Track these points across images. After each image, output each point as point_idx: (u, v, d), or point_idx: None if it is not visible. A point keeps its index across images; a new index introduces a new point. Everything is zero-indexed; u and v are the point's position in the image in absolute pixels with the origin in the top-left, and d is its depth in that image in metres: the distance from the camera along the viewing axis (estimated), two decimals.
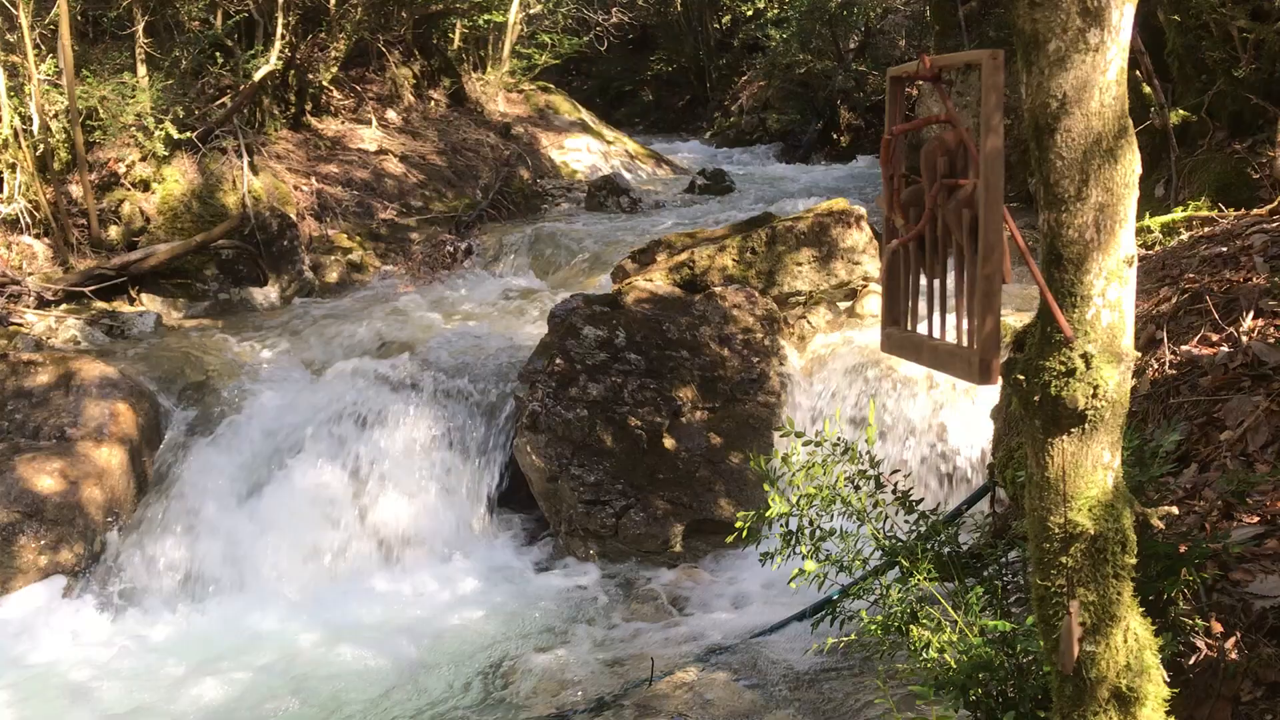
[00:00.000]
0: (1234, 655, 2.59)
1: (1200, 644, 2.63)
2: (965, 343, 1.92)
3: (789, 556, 3.36)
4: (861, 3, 17.15)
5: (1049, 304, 1.85)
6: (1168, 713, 2.05)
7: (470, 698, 4.65)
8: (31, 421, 6.04)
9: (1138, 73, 6.20)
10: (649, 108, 21.80)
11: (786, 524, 3.33)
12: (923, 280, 2.10)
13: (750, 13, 19.66)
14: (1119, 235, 1.84)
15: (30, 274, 7.91)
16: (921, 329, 2.13)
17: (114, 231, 8.52)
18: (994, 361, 1.84)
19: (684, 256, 7.00)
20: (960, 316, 1.93)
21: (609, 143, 14.83)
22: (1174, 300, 4.06)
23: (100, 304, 7.87)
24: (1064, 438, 1.90)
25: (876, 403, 6.03)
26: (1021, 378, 1.93)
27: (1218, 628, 2.66)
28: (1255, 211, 4.92)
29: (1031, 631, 2.61)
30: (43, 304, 7.69)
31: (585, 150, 14.20)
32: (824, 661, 4.28)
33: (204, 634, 5.34)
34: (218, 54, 10.09)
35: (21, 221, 8.12)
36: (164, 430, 6.40)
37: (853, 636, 3.35)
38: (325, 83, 11.17)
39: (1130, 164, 1.83)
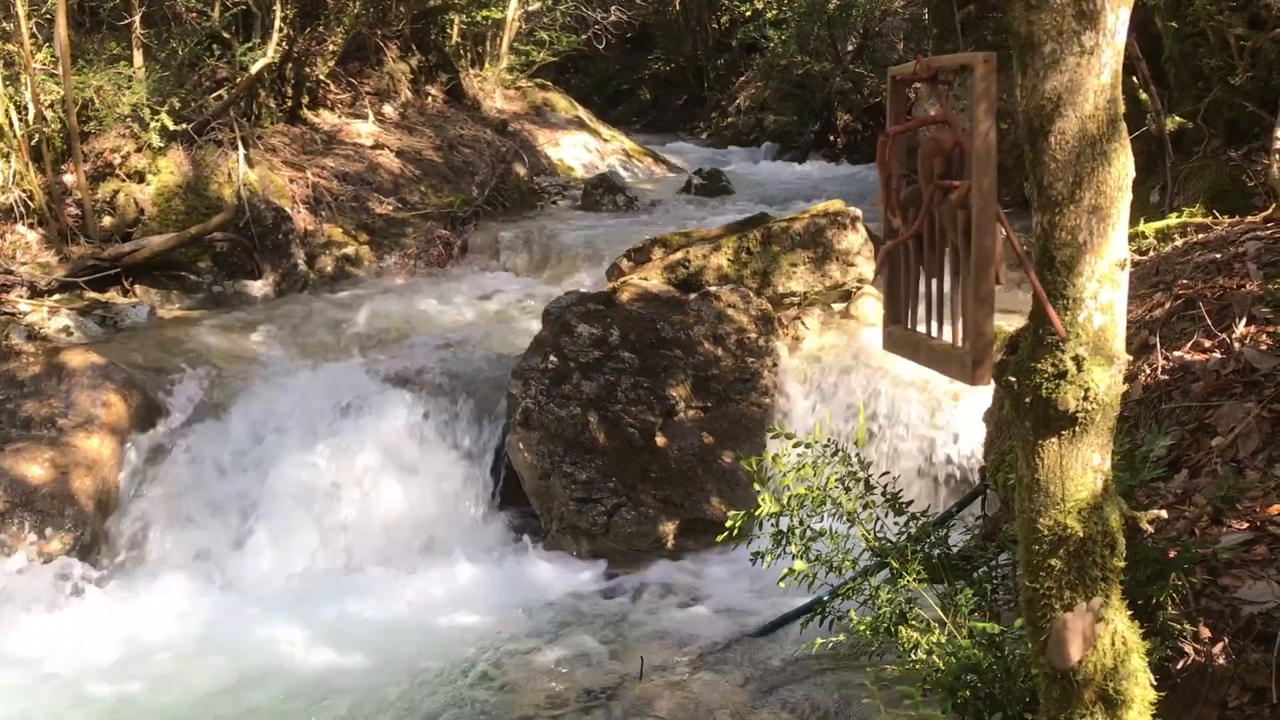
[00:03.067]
0: (1221, 660, 2.59)
1: (1188, 649, 2.63)
2: (959, 343, 1.92)
3: (779, 556, 3.37)
4: (860, 5, 17.15)
5: (1043, 305, 1.86)
6: (1154, 716, 2.05)
7: (459, 694, 4.64)
8: (22, 411, 6.02)
9: (1134, 79, 6.21)
10: (646, 107, 21.77)
11: (777, 524, 3.33)
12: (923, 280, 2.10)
13: (749, 13, 19.66)
14: (1111, 238, 1.85)
15: (23, 264, 7.89)
16: (923, 328, 2.13)
17: (108, 222, 8.50)
18: (985, 363, 1.84)
19: (679, 255, 7.00)
20: (955, 317, 1.93)
21: (606, 141, 14.83)
22: (1167, 306, 4.07)
23: (94, 295, 7.84)
24: (1054, 440, 1.91)
25: (869, 405, 6.04)
26: (1013, 379, 1.94)
27: (1206, 633, 2.66)
28: (1250, 218, 4.93)
29: (1020, 634, 2.62)
30: (36, 294, 7.66)
31: (582, 148, 14.19)
32: (813, 661, 4.28)
33: (194, 626, 5.32)
34: (215, 46, 10.06)
35: (15, 211, 8.10)
36: (156, 421, 6.38)
37: (842, 637, 3.36)
38: (322, 76, 11.15)
39: (1123, 167, 1.83)
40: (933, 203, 1.94)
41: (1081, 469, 1.92)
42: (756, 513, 3.29)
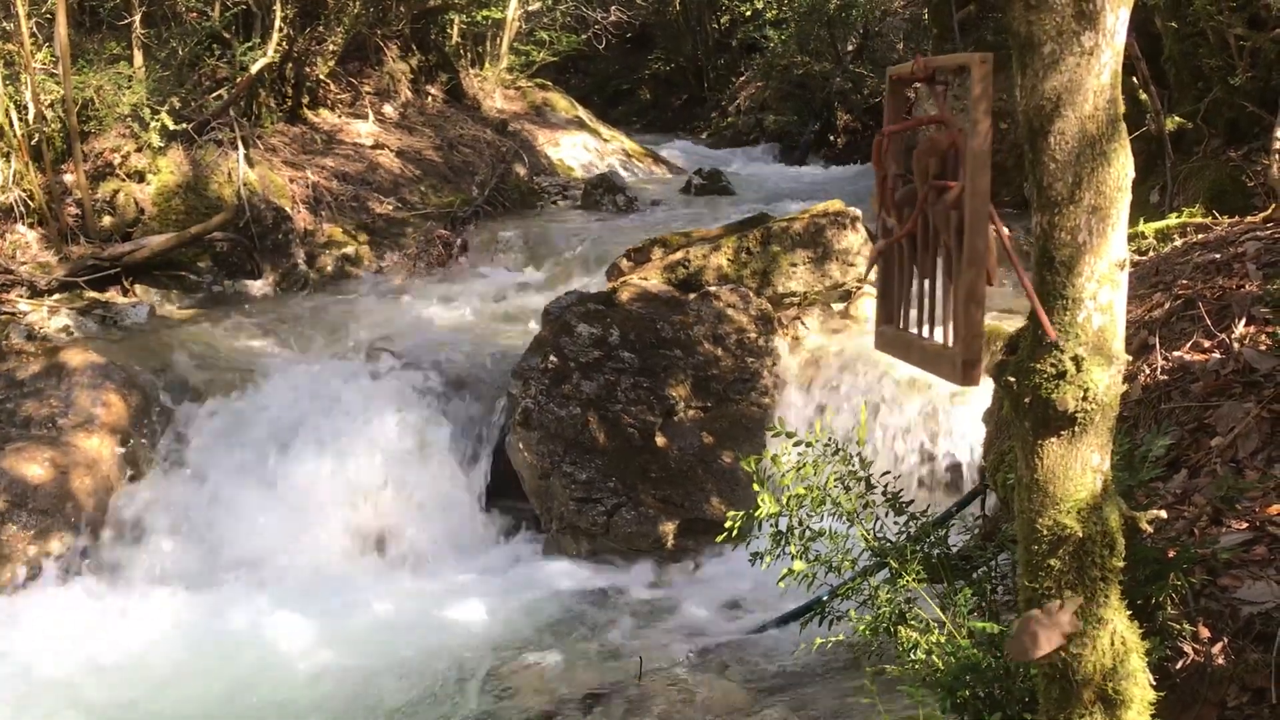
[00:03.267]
0: (1220, 660, 2.59)
1: (1188, 649, 2.63)
2: (950, 344, 1.92)
3: (779, 556, 3.36)
4: (860, 5, 17.16)
5: (1034, 306, 1.86)
6: (1154, 716, 2.05)
7: (459, 695, 4.64)
8: (22, 411, 6.02)
9: (1134, 79, 6.21)
10: (646, 107, 21.77)
11: (776, 524, 3.33)
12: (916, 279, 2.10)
13: (749, 13, 19.66)
14: (1110, 238, 1.85)
15: (23, 263, 7.89)
16: (915, 328, 2.13)
17: (108, 222, 8.50)
18: (976, 363, 1.84)
19: (679, 255, 7.00)
20: (946, 318, 1.93)
21: (606, 141, 14.82)
22: (1167, 306, 4.07)
23: (93, 294, 7.84)
24: (1053, 440, 1.91)
25: (869, 405, 6.03)
26: (1012, 380, 1.94)
27: (1205, 633, 2.66)
28: (1249, 219, 4.93)
29: None
30: (35, 293, 7.66)
31: (582, 148, 14.19)
32: (813, 661, 4.28)
33: (193, 626, 5.31)
34: (215, 45, 10.06)
35: (15, 211, 8.10)
36: (155, 421, 6.38)
37: (841, 637, 3.36)
38: (322, 76, 11.15)
39: (1123, 167, 1.83)
40: (926, 203, 1.94)
41: (1081, 469, 1.92)
42: (756, 513, 3.28)
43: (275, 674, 4.87)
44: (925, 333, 2.03)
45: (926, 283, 2.01)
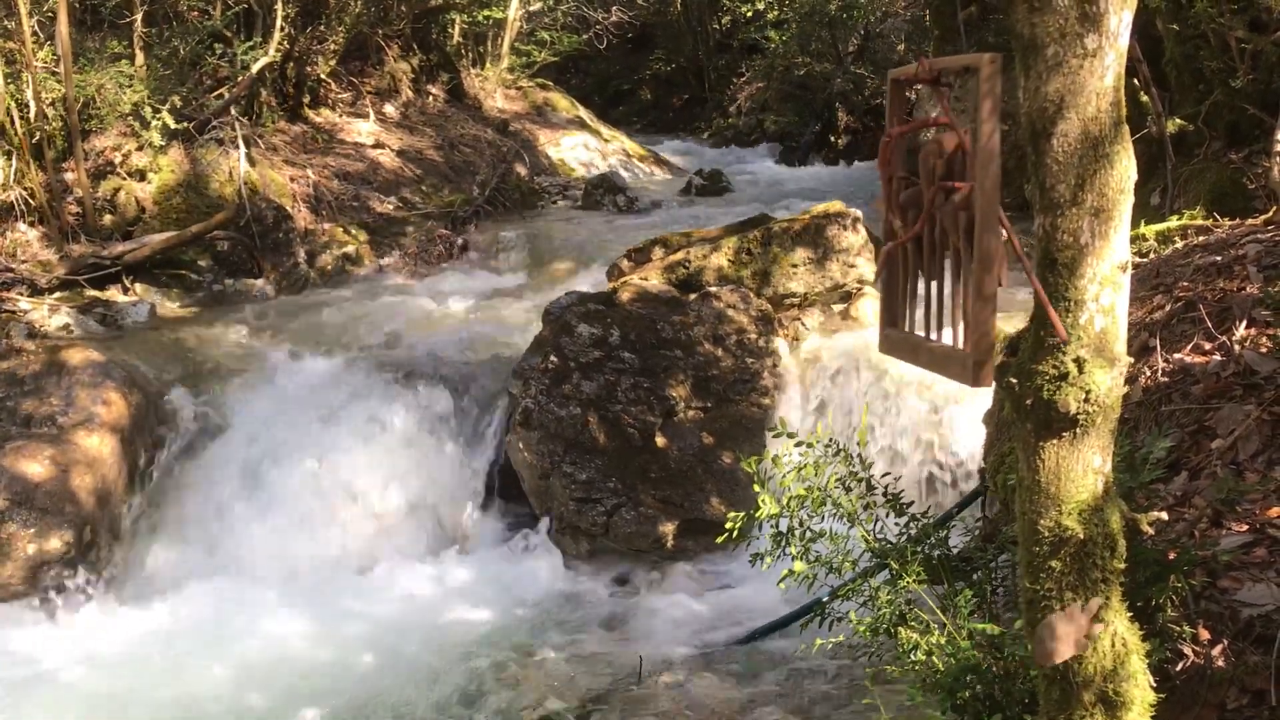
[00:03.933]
0: (1220, 662, 2.60)
1: (1188, 651, 2.64)
2: (960, 345, 1.92)
3: (779, 557, 3.36)
4: (861, 6, 17.16)
5: (1044, 307, 1.86)
6: (1154, 718, 2.06)
7: (458, 695, 4.65)
8: (22, 409, 6.02)
9: (1135, 81, 6.21)
10: (647, 107, 21.78)
11: (777, 525, 3.33)
12: (921, 282, 2.10)
13: (750, 14, 19.66)
14: (1113, 240, 1.85)
15: (24, 262, 7.89)
16: (920, 330, 2.13)
17: (109, 220, 8.50)
18: (987, 364, 1.84)
19: (679, 256, 7.00)
20: (956, 319, 1.93)
21: (606, 141, 14.83)
22: (1167, 308, 4.07)
23: (94, 293, 7.83)
24: (1055, 441, 1.91)
25: (869, 406, 6.03)
26: (1014, 381, 1.94)
27: (1205, 635, 2.66)
28: (1250, 221, 4.94)
29: (1019, 635, 2.62)
30: (36, 292, 7.66)
31: (583, 148, 14.20)
32: (813, 662, 4.29)
33: (192, 624, 5.32)
34: (216, 45, 10.07)
35: (16, 209, 8.10)
36: (156, 419, 6.38)
37: (841, 638, 3.36)
38: (323, 75, 11.16)
39: (1125, 169, 1.83)
40: (934, 205, 1.94)
41: (1082, 471, 1.92)
42: (757, 514, 3.29)
43: (277, 671, 4.87)
44: (932, 335, 2.04)
45: (934, 284, 2.01)
